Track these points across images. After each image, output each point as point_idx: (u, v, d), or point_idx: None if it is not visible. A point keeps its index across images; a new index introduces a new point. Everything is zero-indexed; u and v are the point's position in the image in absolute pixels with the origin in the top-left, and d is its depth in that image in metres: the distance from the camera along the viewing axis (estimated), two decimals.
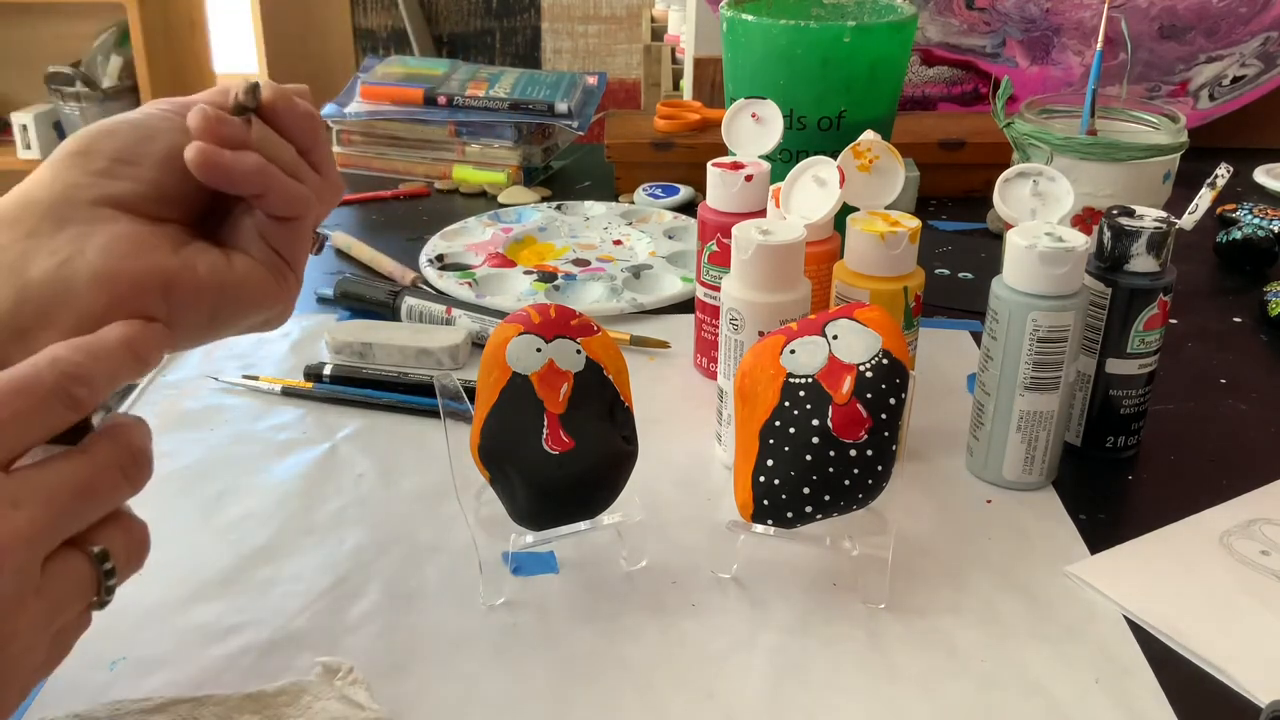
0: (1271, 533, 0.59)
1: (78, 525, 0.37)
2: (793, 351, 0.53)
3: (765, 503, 0.52)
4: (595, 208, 1.01)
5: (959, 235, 0.99)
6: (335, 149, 1.15)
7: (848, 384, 0.51)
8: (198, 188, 0.44)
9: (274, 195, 0.44)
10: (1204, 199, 0.92)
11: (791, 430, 0.51)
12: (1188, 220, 0.92)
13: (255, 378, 0.73)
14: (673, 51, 1.67)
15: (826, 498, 0.51)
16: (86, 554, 0.37)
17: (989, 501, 0.62)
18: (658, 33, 1.90)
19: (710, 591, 0.55)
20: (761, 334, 0.59)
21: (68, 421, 0.37)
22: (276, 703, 0.47)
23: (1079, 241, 0.57)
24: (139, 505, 0.62)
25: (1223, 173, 0.91)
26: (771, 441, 0.52)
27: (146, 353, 0.39)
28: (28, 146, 2.33)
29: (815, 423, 0.51)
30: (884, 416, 0.51)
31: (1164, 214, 0.61)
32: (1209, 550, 0.58)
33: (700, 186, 1.04)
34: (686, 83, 1.31)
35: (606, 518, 0.54)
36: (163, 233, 0.43)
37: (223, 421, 0.69)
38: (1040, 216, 0.60)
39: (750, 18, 0.78)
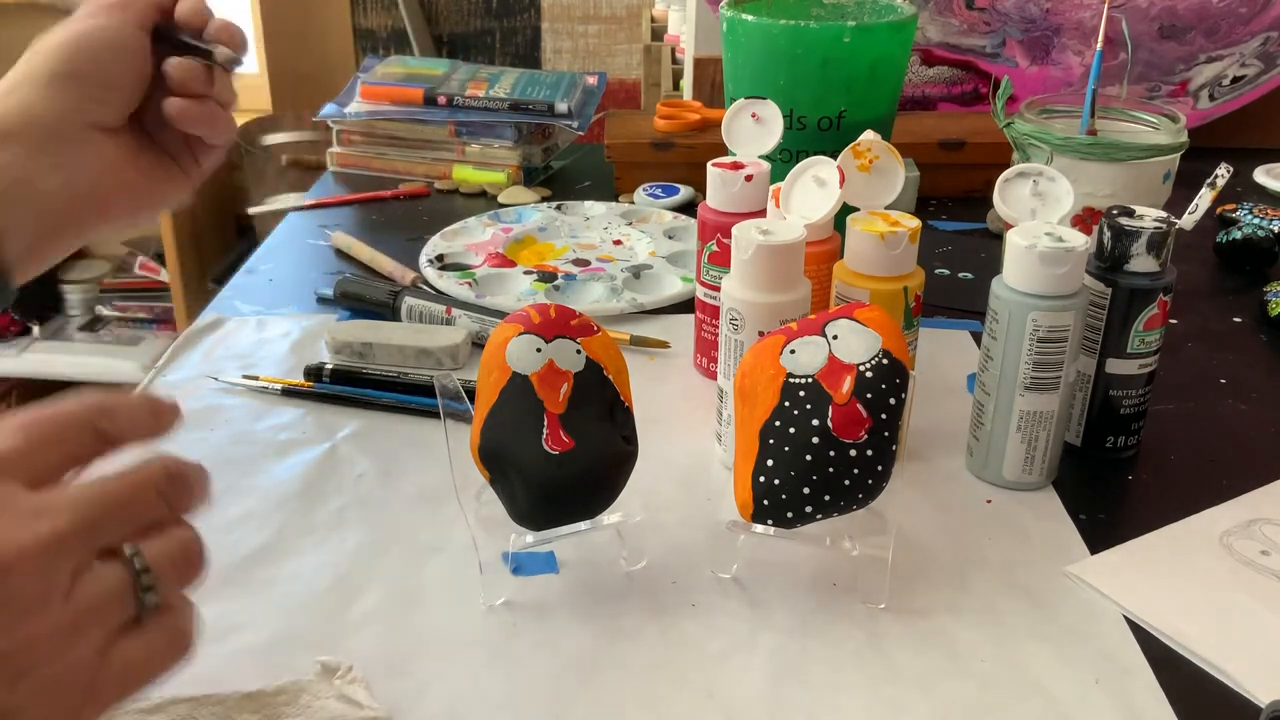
0: (1271, 533, 0.59)
1: (108, 537, 0.36)
2: (793, 351, 0.52)
3: (765, 503, 0.52)
4: (595, 208, 1.01)
5: (959, 235, 0.99)
6: (335, 149, 1.15)
7: (848, 384, 0.51)
8: (150, 103, 0.53)
9: (218, 131, 0.54)
10: (1204, 199, 0.92)
11: (791, 430, 0.51)
12: (1188, 220, 0.92)
13: (255, 378, 0.73)
14: (673, 51, 1.67)
15: (826, 498, 0.51)
16: (122, 560, 0.37)
17: (989, 501, 0.62)
18: (658, 33, 1.90)
19: (710, 591, 0.55)
20: (761, 334, 0.59)
21: (95, 452, 0.38)
22: (275, 702, 0.47)
23: (1079, 241, 0.57)
24: None
25: (1223, 173, 0.91)
26: (771, 441, 0.52)
27: (163, 414, 0.42)
28: None
29: (815, 423, 0.51)
30: (884, 416, 0.51)
31: (1164, 214, 0.61)
32: (1209, 550, 0.58)
33: (700, 186, 1.04)
34: (686, 83, 1.31)
35: (606, 518, 0.54)
36: (128, 147, 0.52)
37: (223, 421, 0.69)
38: (1040, 216, 0.60)
39: (750, 18, 0.78)
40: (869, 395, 0.51)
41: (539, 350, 0.51)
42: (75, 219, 0.50)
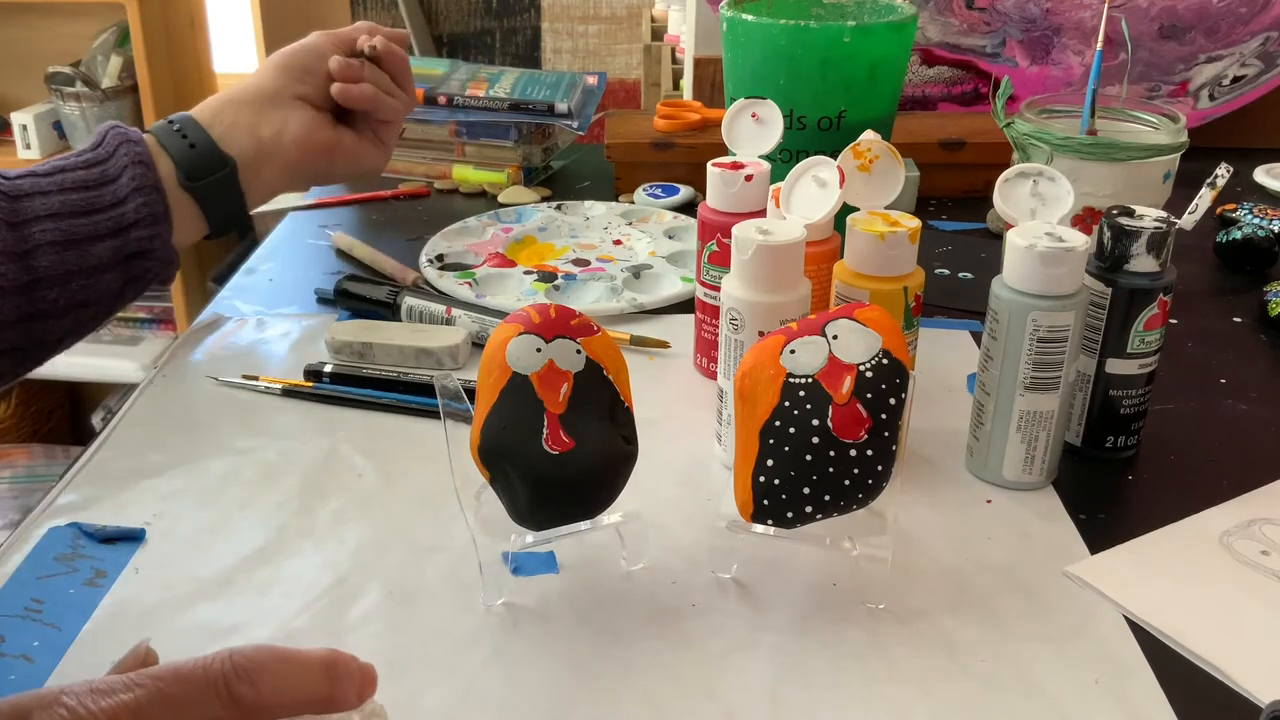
0: (1271, 533, 0.59)
1: None
2: (793, 351, 0.52)
3: (765, 503, 0.52)
4: (595, 208, 1.01)
5: (959, 235, 0.99)
6: None
7: (848, 384, 0.51)
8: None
9: (379, 107, 0.79)
10: (1204, 199, 0.92)
11: (791, 430, 0.51)
12: (1188, 220, 0.92)
13: (255, 378, 0.73)
14: (673, 51, 1.67)
15: (826, 498, 0.51)
16: None
17: (989, 501, 0.62)
18: (658, 33, 1.90)
19: (710, 591, 0.55)
20: (761, 334, 0.59)
21: (220, 718, 0.34)
22: None
23: (1079, 241, 0.57)
24: (142, 501, 0.62)
25: (1223, 173, 0.91)
26: (771, 441, 0.52)
27: (343, 682, 0.37)
28: (28, 146, 2.32)
29: (815, 423, 0.51)
30: (884, 416, 0.51)
31: (1164, 214, 0.61)
32: (1209, 550, 0.58)
33: (700, 186, 1.04)
34: (686, 83, 1.31)
35: (606, 518, 0.54)
36: (325, 118, 0.78)
37: (223, 421, 0.69)
38: (1040, 216, 0.60)
39: (750, 18, 0.78)
40: (869, 395, 0.51)
41: (539, 350, 0.51)
42: (289, 162, 0.75)
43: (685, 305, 0.83)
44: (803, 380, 0.52)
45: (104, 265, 0.66)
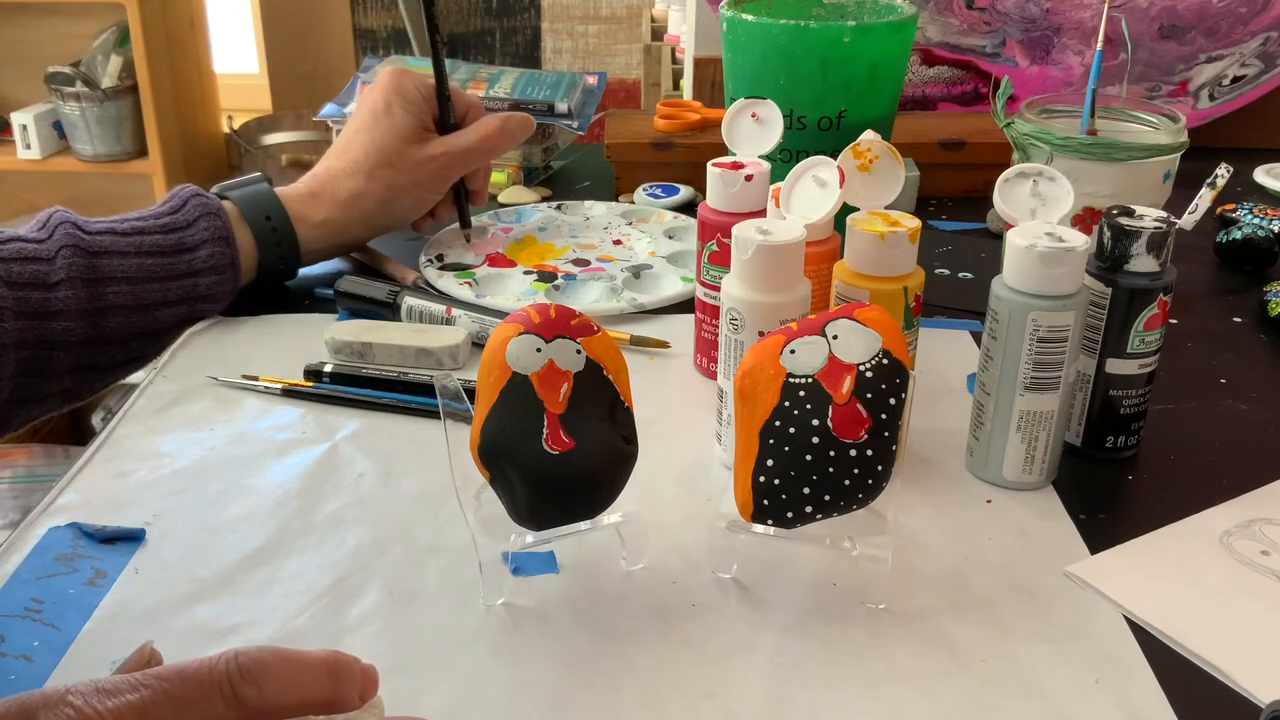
0: (1271, 533, 0.59)
1: None
2: (793, 351, 0.52)
3: (765, 503, 0.52)
4: (595, 208, 1.01)
5: (959, 235, 0.99)
6: None
7: (848, 384, 0.51)
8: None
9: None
10: (1204, 199, 0.92)
11: (791, 430, 0.51)
12: (1188, 220, 0.92)
13: (255, 378, 0.73)
14: (673, 51, 1.67)
15: (826, 498, 0.51)
16: None
17: (989, 501, 0.62)
18: (658, 33, 1.90)
19: (710, 591, 0.55)
20: (761, 334, 0.59)
21: (224, 719, 0.34)
22: None
23: (1079, 241, 0.57)
24: (142, 501, 0.62)
25: (1223, 173, 0.91)
26: (771, 441, 0.52)
27: (345, 682, 0.37)
28: (28, 146, 2.32)
29: (815, 423, 0.51)
30: (884, 416, 0.51)
31: (1164, 214, 0.61)
32: (1209, 550, 0.58)
33: (700, 186, 1.04)
34: (686, 83, 1.31)
35: (606, 518, 0.54)
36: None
37: (223, 421, 0.69)
38: (1040, 216, 0.60)
39: (750, 18, 0.78)
40: (869, 395, 0.51)
41: (539, 350, 0.51)
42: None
43: (685, 305, 0.83)
44: (803, 380, 0.52)
45: (165, 329, 0.69)
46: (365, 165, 0.81)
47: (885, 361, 0.51)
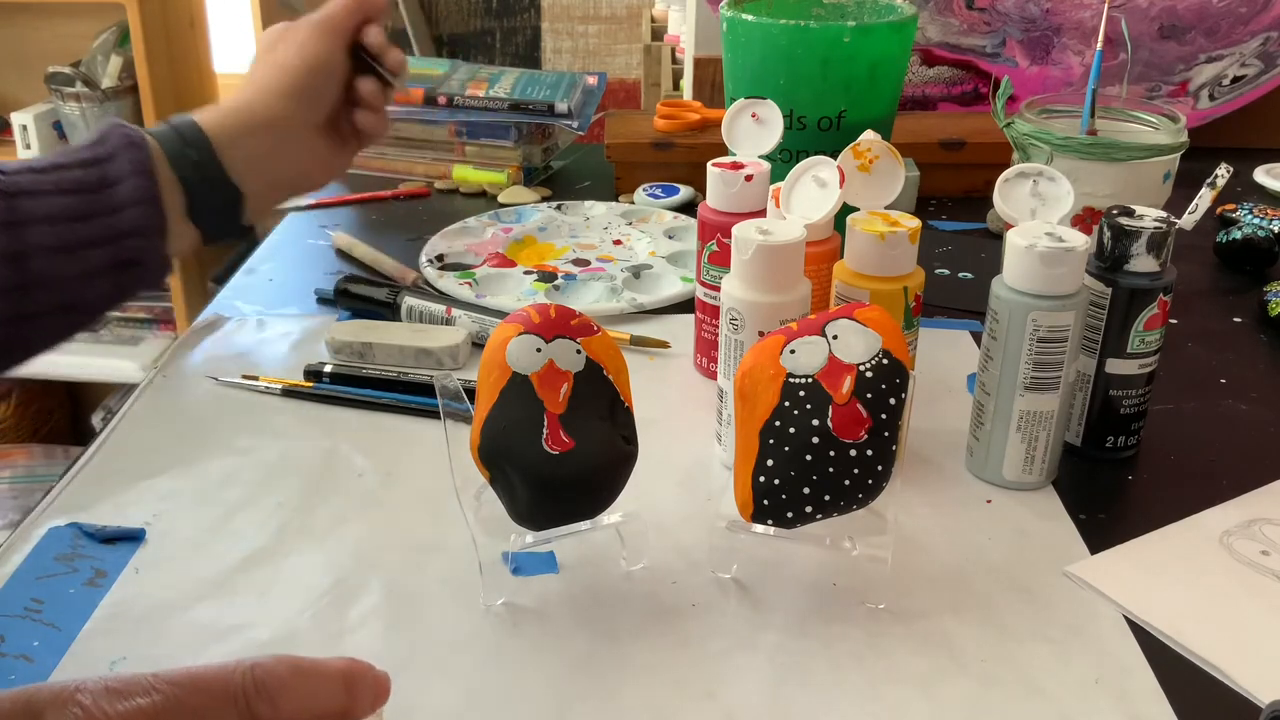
0: (1271, 533, 0.59)
1: None
2: (793, 351, 0.52)
3: (765, 503, 0.52)
4: (595, 208, 1.01)
5: (959, 235, 0.99)
6: None
7: (848, 384, 0.51)
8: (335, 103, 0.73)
9: (383, 132, 0.75)
10: (1204, 199, 0.92)
11: (791, 430, 0.51)
12: (1188, 220, 0.92)
13: (255, 378, 0.73)
14: (673, 51, 1.67)
15: (826, 498, 0.51)
16: None
17: (989, 501, 0.62)
18: (658, 33, 1.90)
19: (710, 591, 0.55)
20: (761, 334, 0.59)
21: None
22: None
23: (1079, 241, 0.57)
24: (142, 501, 0.62)
25: (1223, 173, 0.91)
26: (771, 441, 0.52)
27: (360, 694, 0.37)
28: (28, 146, 2.32)
29: (815, 423, 0.51)
30: (884, 416, 0.51)
31: (1164, 214, 0.61)
32: (1209, 550, 0.58)
33: (700, 186, 1.04)
34: (686, 83, 1.31)
35: (606, 518, 0.54)
36: (326, 137, 0.71)
37: (223, 421, 0.69)
38: (1040, 216, 0.60)
39: (750, 18, 0.78)
40: (869, 395, 0.51)
41: (539, 350, 0.51)
42: (289, 188, 0.71)
43: (685, 305, 0.83)
44: (803, 380, 0.52)
45: (96, 271, 0.64)
46: (262, 71, 0.72)
47: (885, 361, 0.51)
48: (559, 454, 0.50)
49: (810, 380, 0.52)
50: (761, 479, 0.52)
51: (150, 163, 0.66)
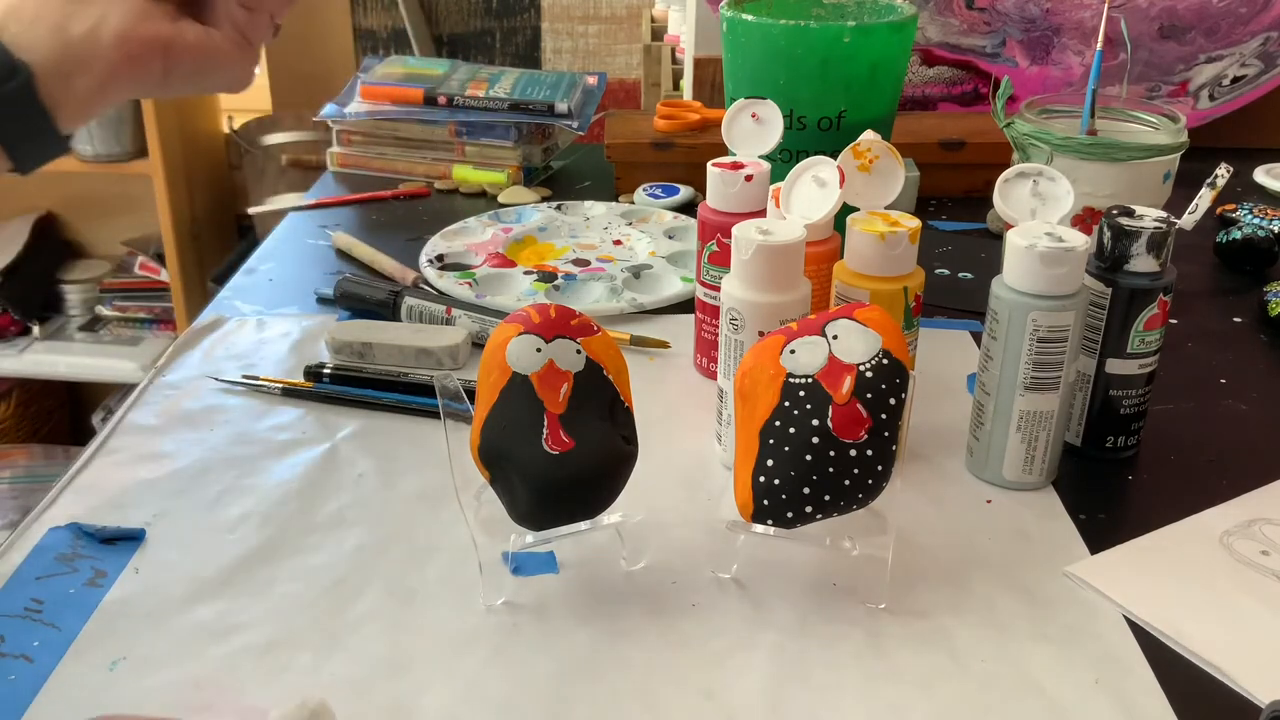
0: (1271, 533, 0.59)
1: None
2: (793, 351, 0.53)
3: (765, 503, 0.52)
4: (595, 208, 1.01)
5: (959, 235, 0.99)
6: (335, 149, 1.15)
7: (848, 384, 0.51)
8: None
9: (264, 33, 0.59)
10: (1204, 199, 0.92)
11: (791, 430, 0.51)
12: (1188, 220, 0.92)
13: (255, 378, 0.73)
14: (673, 51, 1.67)
15: (826, 498, 0.51)
16: None
17: (989, 501, 0.62)
18: (658, 33, 1.90)
19: (710, 591, 0.55)
20: (761, 334, 0.59)
21: None
22: None
23: (1079, 241, 0.57)
24: (142, 501, 0.62)
25: (1223, 173, 0.91)
26: (771, 441, 0.52)
27: None
28: None
29: (815, 423, 0.51)
30: (884, 416, 0.51)
31: (1164, 214, 0.61)
32: (1209, 550, 0.58)
33: (700, 186, 1.04)
34: (686, 83, 1.31)
35: (606, 518, 0.54)
36: (162, 9, 0.55)
37: (223, 421, 0.69)
38: (1040, 216, 0.60)
39: (750, 18, 0.78)
40: (869, 395, 0.51)
41: (539, 350, 0.51)
42: (110, 66, 0.54)
43: (685, 305, 0.83)
44: (803, 380, 0.52)
45: None
46: None
47: (885, 361, 0.51)
48: (559, 454, 0.50)
49: (810, 380, 0.52)
50: (761, 479, 0.52)
51: None
